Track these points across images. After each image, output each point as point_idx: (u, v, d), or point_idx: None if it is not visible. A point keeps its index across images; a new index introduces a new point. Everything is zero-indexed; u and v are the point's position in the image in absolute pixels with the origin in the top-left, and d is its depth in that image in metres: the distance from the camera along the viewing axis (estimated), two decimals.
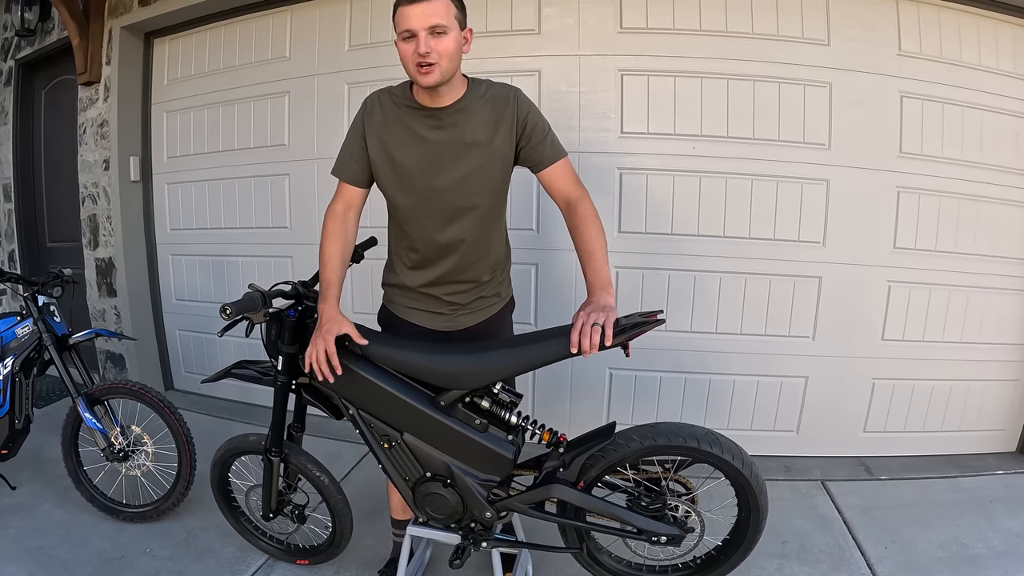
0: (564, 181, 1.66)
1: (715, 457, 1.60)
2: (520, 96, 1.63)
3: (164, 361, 3.87)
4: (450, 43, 1.47)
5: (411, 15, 1.44)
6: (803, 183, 2.73)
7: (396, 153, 1.62)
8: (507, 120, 1.60)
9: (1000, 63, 2.72)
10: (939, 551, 2.23)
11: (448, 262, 1.70)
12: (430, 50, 1.44)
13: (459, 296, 1.76)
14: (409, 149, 1.61)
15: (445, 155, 1.60)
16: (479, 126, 1.59)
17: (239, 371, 1.91)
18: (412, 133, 1.60)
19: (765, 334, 2.86)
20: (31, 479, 2.72)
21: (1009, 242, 2.81)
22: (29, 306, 2.41)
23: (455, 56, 1.50)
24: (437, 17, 1.44)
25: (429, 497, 1.69)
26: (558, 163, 1.65)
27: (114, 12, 3.55)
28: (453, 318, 1.78)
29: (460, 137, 1.59)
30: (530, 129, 1.62)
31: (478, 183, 1.62)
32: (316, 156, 3.24)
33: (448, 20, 1.46)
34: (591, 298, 1.52)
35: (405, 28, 1.46)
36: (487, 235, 1.73)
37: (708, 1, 2.69)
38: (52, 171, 4.18)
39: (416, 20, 1.44)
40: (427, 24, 1.44)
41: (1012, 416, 2.97)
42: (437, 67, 1.47)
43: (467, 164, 1.60)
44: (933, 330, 2.84)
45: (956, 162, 2.74)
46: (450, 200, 1.62)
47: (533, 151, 1.63)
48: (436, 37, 1.45)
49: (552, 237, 2.84)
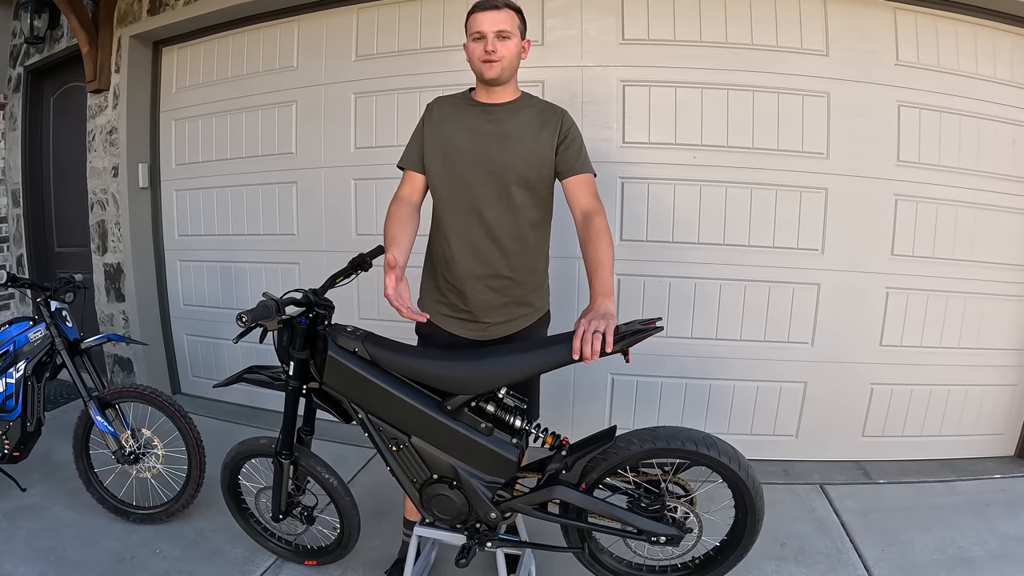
0: (585, 193, 1.78)
1: (713, 460, 1.64)
2: (567, 114, 1.84)
3: (172, 365, 3.92)
4: (512, 46, 1.72)
5: (483, 20, 1.70)
6: (802, 191, 2.78)
7: (448, 137, 1.80)
8: (551, 126, 1.79)
9: (997, 72, 2.77)
10: (936, 554, 2.26)
11: (482, 251, 1.80)
12: (495, 49, 1.69)
13: (488, 296, 1.83)
14: (460, 134, 1.79)
15: (491, 143, 1.77)
16: (525, 125, 1.79)
17: (250, 376, 1.96)
18: (466, 123, 1.80)
19: (765, 340, 2.90)
20: (41, 481, 2.76)
21: (1006, 248, 2.85)
22: (42, 311, 2.46)
23: (515, 59, 1.74)
24: (504, 24, 1.70)
25: (436, 498, 1.74)
26: (585, 175, 1.80)
27: (123, 21, 3.61)
28: (485, 327, 1.86)
29: (508, 131, 1.77)
30: (570, 139, 1.79)
31: (517, 173, 1.76)
32: (323, 164, 3.29)
33: (512, 28, 1.72)
34: (592, 304, 1.57)
35: (476, 30, 1.71)
36: (522, 231, 1.81)
37: (708, 12, 2.74)
38: (60, 177, 4.23)
39: (487, 24, 1.70)
40: (495, 28, 1.69)
41: (1010, 420, 3.01)
42: (499, 63, 1.70)
43: (509, 153, 1.76)
44: (931, 336, 2.88)
45: (953, 170, 2.78)
46: (489, 185, 1.77)
47: (566, 157, 1.79)
48: (501, 40, 1.70)
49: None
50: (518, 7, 1.77)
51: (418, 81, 3.02)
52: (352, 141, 3.22)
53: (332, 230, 3.32)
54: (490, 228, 1.78)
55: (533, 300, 1.91)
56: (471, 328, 1.87)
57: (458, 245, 1.81)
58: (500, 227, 1.78)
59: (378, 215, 3.14)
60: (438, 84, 2.96)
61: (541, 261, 1.92)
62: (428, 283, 1.95)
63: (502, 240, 1.79)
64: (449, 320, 1.88)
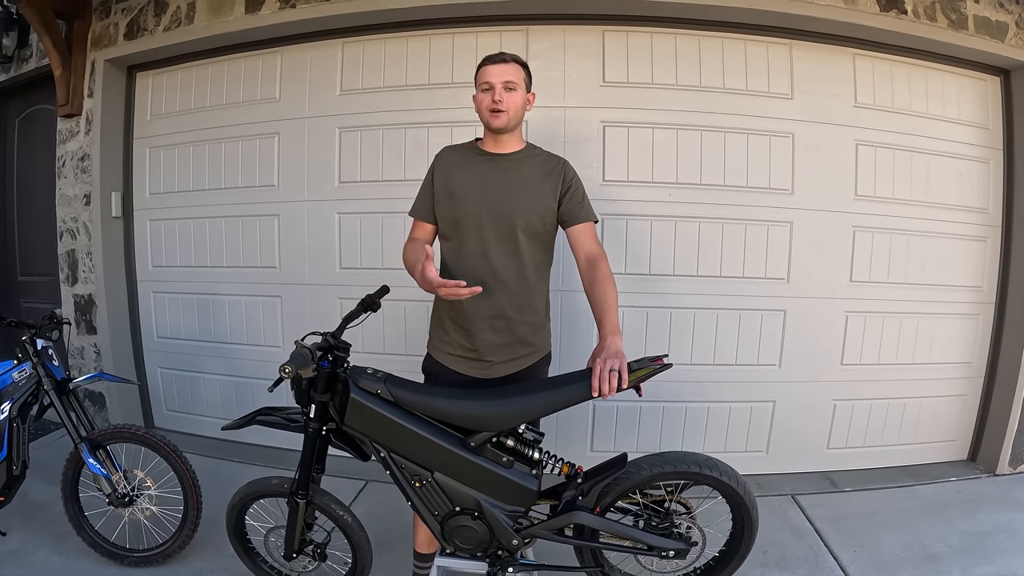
0: (588, 240, 1.88)
1: (715, 480, 1.81)
2: (568, 164, 1.94)
3: (145, 399, 3.79)
4: (518, 98, 1.84)
5: (492, 72, 1.82)
6: (769, 225, 3.00)
7: (456, 184, 1.89)
8: (555, 175, 1.90)
9: (946, 111, 3.08)
10: (903, 552, 2.48)
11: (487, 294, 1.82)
12: (502, 99, 1.80)
13: (493, 336, 1.89)
14: (468, 182, 1.88)
15: (499, 191, 1.85)
16: (530, 174, 1.89)
17: (264, 418, 1.96)
18: (473, 171, 1.89)
19: (736, 363, 3.09)
20: (21, 524, 2.65)
21: (953, 272, 3.16)
22: (27, 350, 2.39)
23: (520, 110, 1.85)
24: (511, 75, 1.82)
25: (459, 529, 1.82)
26: (588, 223, 1.90)
27: (98, 44, 3.54)
28: (490, 366, 1.92)
29: (514, 180, 1.87)
30: (573, 189, 1.90)
31: (523, 220, 1.84)
32: (307, 198, 3.30)
33: (519, 80, 1.83)
34: (603, 343, 1.69)
35: (485, 81, 1.82)
36: (525, 274, 1.88)
37: (684, 58, 2.94)
38: (25, 202, 4.08)
39: (495, 76, 1.81)
40: (503, 79, 1.81)
41: (962, 427, 3.31)
42: (505, 114, 1.81)
43: (516, 201, 1.85)
44: (887, 353, 3.14)
45: (906, 202, 3.07)
46: (496, 231, 1.84)
47: (571, 207, 1.89)
48: (508, 91, 1.81)
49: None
50: (524, 62, 1.88)
51: (404, 117, 3.09)
52: (337, 175, 3.24)
53: (315, 264, 3.32)
54: (495, 271, 1.85)
55: (535, 340, 1.96)
56: (475, 367, 1.92)
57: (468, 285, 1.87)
58: (505, 271, 1.85)
59: (363, 249, 3.23)
60: (424, 121, 3.08)
61: (542, 303, 1.98)
62: (435, 324, 2.02)
63: (507, 283, 1.86)
64: (455, 359, 1.94)
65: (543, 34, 2.97)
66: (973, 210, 3.14)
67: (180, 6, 3.29)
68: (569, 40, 2.95)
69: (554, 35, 2.96)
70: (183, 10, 3.28)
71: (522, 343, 1.93)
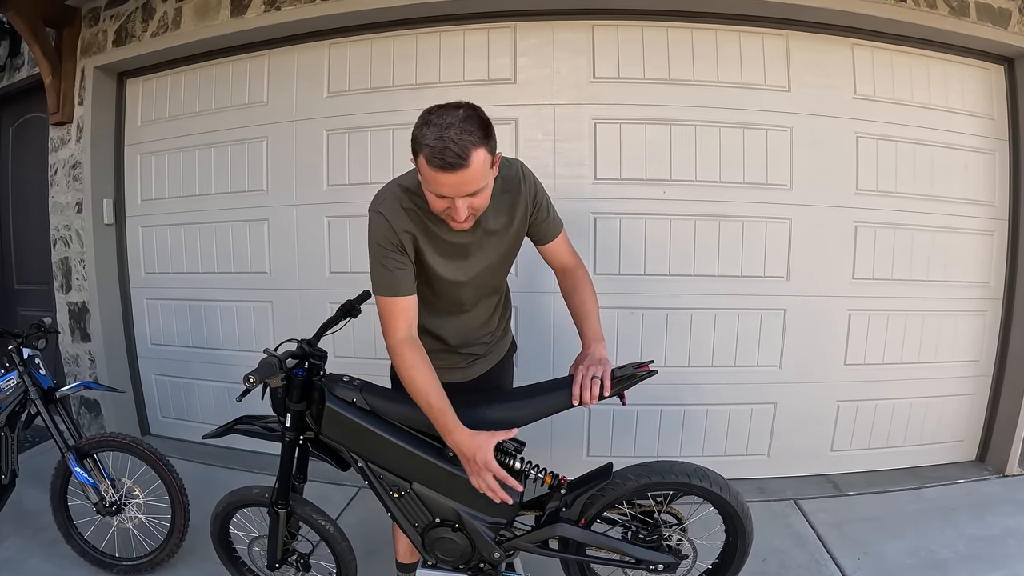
0: (563, 252, 1.82)
1: (704, 490, 1.73)
2: (524, 171, 1.67)
3: (140, 406, 3.79)
4: (487, 194, 1.44)
5: (445, 183, 1.35)
6: (767, 222, 2.92)
7: (427, 259, 1.60)
8: (521, 203, 1.66)
9: (949, 101, 2.98)
10: (908, 559, 2.39)
11: (470, 328, 1.82)
12: (465, 216, 1.41)
13: (476, 348, 1.88)
14: (437, 256, 1.61)
15: (471, 253, 1.64)
16: (497, 215, 1.62)
17: (243, 427, 1.93)
18: (439, 239, 1.59)
19: (735, 365, 3.01)
20: (13, 533, 2.65)
21: (960, 267, 3.06)
22: (14, 359, 2.38)
23: (488, 198, 1.47)
24: (474, 183, 1.37)
25: (439, 541, 1.77)
26: (559, 237, 1.80)
27: (87, 51, 3.54)
28: (467, 370, 1.89)
29: (482, 232, 1.61)
30: (538, 206, 1.70)
31: (502, 265, 1.76)
32: (295, 202, 3.27)
33: (485, 177, 1.39)
34: (586, 351, 1.64)
35: (439, 193, 1.39)
36: (500, 299, 1.88)
37: (676, 52, 2.86)
38: (20, 211, 4.09)
39: (451, 189, 1.36)
40: (464, 192, 1.38)
41: (970, 427, 3.20)
42: (473, 217, 1.46)
43: (491, 253, 1.68)
44: (892, 353, 3.05)
45: (909, 196, 2.97)
46: (475, 286, 1.73)
47: (540, 227, 1.75)
48: (473, 196, 1.40)
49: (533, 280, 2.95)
50: (484, 134, 1.37)
51: (391, 119, 3.04)
52: (324, 179, 3.20)
53: (305, 268, 3.29)
54: (469, 317, 1.80)
55: (504, 335, 1.99)
56: (455, 374, 1.87)
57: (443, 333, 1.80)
58: (482, 312, 1.82)
59: (351, 253, 3.19)
60: (411, 122, 2.97)
61: (508, 309, 1.98)
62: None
63: (486, 322, 1.85)
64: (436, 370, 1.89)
65: (531, 31, 2.91)
66: (979, 203, 3.04)
67: (167, 11, 3.27)
68: (558, 36, 2.89)
69: (543, 31, 2.90)
70: (170, 15, 3.27)
71: (497, 344, 1.95)
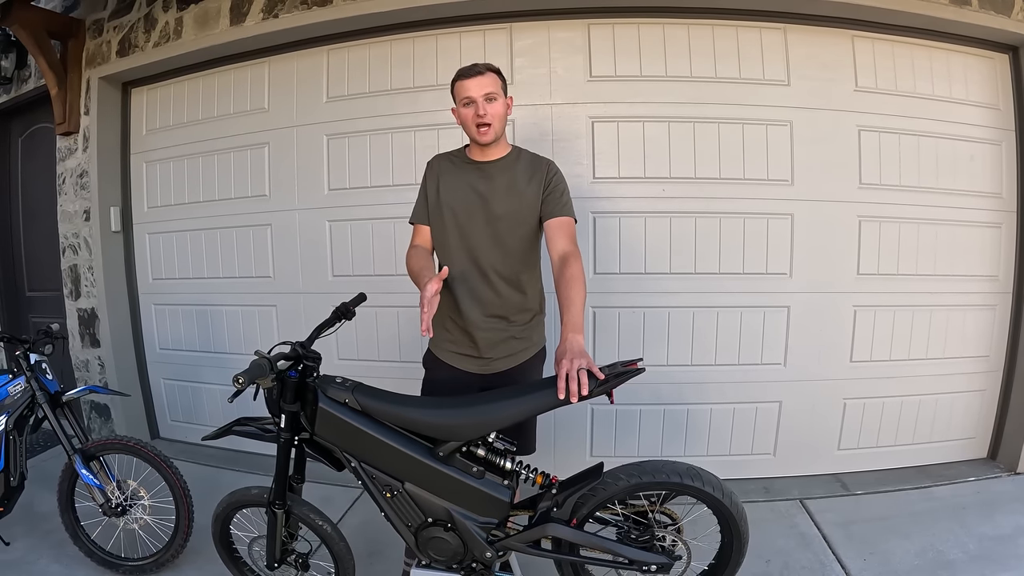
0: (564, 236, 1.88)
1: (697, 490, 1.72)
2: (552, 164, 1.99)
3: (149, 411, 3.85)
4: (500, 107, 1.87)
5: (471, 86, 1.83)
6: (769, 218, 2.88)
7: (447, 194, 1.95)
8: (539, 176, 1.94)
9: (953, 91, 2.92)
10: (916, 559, 2.35)
11: (481, 295, 1.94)
12: (486, 112, 1.82)
13: (490, 334, 1.96)
14: (459, 192, 1.94)
15: (487, 198, 1.91)
16: (516, 179, 1.93)
17: (240, 428, 1.96)
18: (464, 183, 1.94)
19: (739, 363, 2.98)
20: (25, 534, 2.71)
21: (967, 260, 2.99)
22: (21, 365, 2.43)
23: (503, 117, 1.89)
24: (490, 87, 1.83)
25: (432, 541, 1.77)
26: (565, 218, 1.91)
27: (92, 62, 3.60)
28: (488, 362, 1.99)
29: (500, 186, 1.92)
30: (553, 186, 1.93)
31: (512, 222, 1.91)
32: (297, 207, 3.30)
33: (497, 89, 1.86)
34: (564, 343, 1.61)
35: (465, 96, 1.84)
36: (518, 274, 1.96)
37: (673, 48, 2.84)
38: (30, 220, 4.17)
39: (475, 89, 1.82)
40: (483, 92, 1.82)
41: (981, 424, 3.13)
42: (492, 127, 1.85)
43: (503, 206, 1.91)
44: (899, 349, 2.99)
45: (914, 189, 2.92)
46: (486, 235, 1.91)
47: (548, 202, 1.92)
48: (490, 102, 1.83)
49: None
50: (497, 68, 1.89)
51: (390, 122, 3.06)
52: (326, 183, 3.23)
53: (308, 272, 3.32)
54: (486, 274, 1.93)
55: (529, 335, 2.04)
56: (475, 363, 2.00)
57: (460, 291, 1.94)
58: (495, 273, 1.93)
59: (353, 256, 3.21)
60: (410, 125, 3.04)
61: (535, 299, 2.05)
62: (438, 326, 2.03)
63: (498, 285, 1.94)
64: (456, 356, 2.02)
65: (527, 31, 2.91)
66: (986, 195, 2.98)
67: (168, 21, 3.33)
68: (554, 36, 2.89)
69: (538, 31, 2.90)
70: (171, 25, 3.32)
71: (517, 338, 2.01)
